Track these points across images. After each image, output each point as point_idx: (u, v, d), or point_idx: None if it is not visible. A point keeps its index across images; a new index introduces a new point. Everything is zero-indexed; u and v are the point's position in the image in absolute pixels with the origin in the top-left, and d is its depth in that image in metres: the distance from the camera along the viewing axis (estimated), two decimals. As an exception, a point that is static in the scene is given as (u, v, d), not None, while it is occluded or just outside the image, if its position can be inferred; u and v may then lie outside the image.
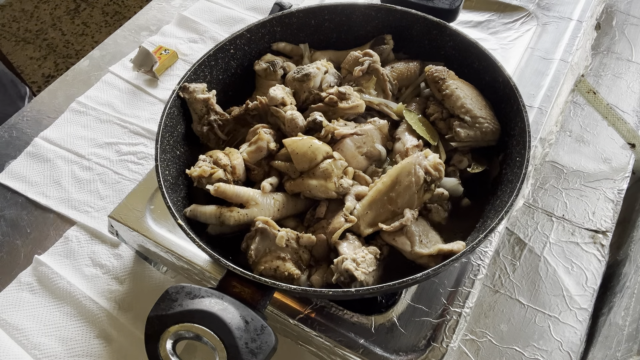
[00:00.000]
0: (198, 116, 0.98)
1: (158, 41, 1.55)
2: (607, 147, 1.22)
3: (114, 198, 1.21)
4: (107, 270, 1.09)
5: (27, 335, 1.00)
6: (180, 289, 0.71)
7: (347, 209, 0.85)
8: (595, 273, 1.02)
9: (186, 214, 0.86)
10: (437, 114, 0.97)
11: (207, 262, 0.94)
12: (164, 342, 0.68)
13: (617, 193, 1.13)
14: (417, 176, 0.83)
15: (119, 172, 1.26)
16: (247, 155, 0.92)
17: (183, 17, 1.60)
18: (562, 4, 1.34)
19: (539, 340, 0.94)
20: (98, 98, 1.42)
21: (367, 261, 0.79)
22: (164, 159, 0.89)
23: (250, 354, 0.67)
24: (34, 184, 1.25)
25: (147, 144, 1.31)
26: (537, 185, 1.16)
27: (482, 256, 0.94)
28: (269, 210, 0.87)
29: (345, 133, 0.91)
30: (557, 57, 1.22)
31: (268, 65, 1.04)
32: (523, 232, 1.09)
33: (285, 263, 0.81)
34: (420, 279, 0.72)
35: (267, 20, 1.07)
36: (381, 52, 1.06)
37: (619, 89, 1.32)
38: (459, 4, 1.07)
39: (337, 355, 0.85)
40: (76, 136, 1.33)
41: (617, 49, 1.41)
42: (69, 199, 1.21)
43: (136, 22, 1.64)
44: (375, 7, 1.07)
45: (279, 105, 0.95)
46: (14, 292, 1.06)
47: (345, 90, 0.96)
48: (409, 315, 0.87)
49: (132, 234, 1.00)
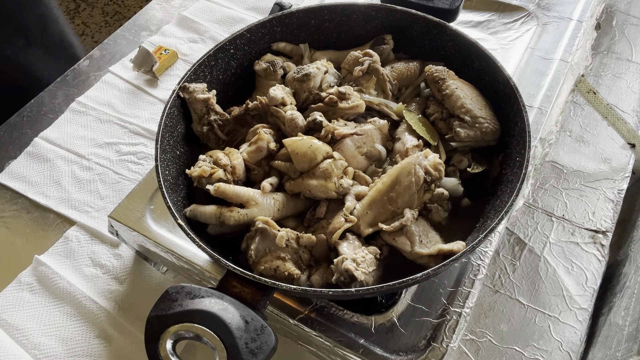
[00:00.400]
0: (198, 116, 0.98)
1: (158, 41, 1.55)
2: (607, 147, 1.22)
3: (114, 198, 1.21)
4: (107, 270, 1.09)
5: (27, 335, 1.00)
6: (180, 289, 0.71)
7: (347, 209, 0.85)
8: (595, 273, 1.02)
9: (186, 214, 0.86)
10: (437, 114, 0.97)
11: (207, 262, 0.94)
12: (164, 342, 0.68)
13: (617, 193, 1.13)
14: (417, 176, 0.83)
15: (119, 172, 1.26)
16: (247, 155, 0.92)
17: (183, 17, 1.60)
18: (562, 4, 1.34)
19: (539, 340, 0.94)
20: (98, 98, 1.42)
21: (367, 261, 0.79)
22: (164, 159, 0.89)
23: (250, 354, 0.67)
24: (34, 184, 1.25)
25: (147, 144, 1.31)
26: (537, 185, 1.16)
27: (482, 256, 0.94)
28: (269, 210, 0.87)
29: (345, 133, 0.91)
30: (557, 57, 1.22)
31: (268, 65, 1.04)
32: (523, 232, 1.09)
33: (285, 263, 0.81)
34: (420, 279, 0.72)
35: (267, 20, 1.07)
36: (381, 52, 1.06)
37: (619, 89, 1.32)
38: (459, 4, 1.07)
39: (337, 355, 0.85)
40: (76, 136, 1.33)
41: (617, 49, 1.41)
42: (69, 199, 1.21)
43: (136, 22, 1.64)
44: (375, 7, 1.07)
45: (279, 105, 0.95)
46: (14, 292, 1.06)
47: (345, 90, 0.96)
48: (409, 315, 0.87)
49: (132, 234, 1.00)
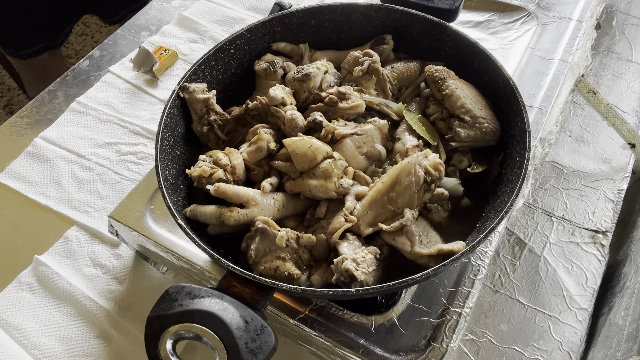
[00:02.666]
0: (198, 116, 0.98)
1: (158, 41, 1.55)
2: (607, 147, 1.22)
3: (114, 198, 1.21)
4: (107, 270, 1.09)
5: (27, 335, 1.00)
6: (180, 289, 0.71)
7: (347, 209, 0.85)
8: (595, 273, 1.02)
9: (186, 214, 0.86)
10: (437, 114, 0.97)
11: (207, 262, 0.94)
12: (164, 342, 0.68)
13: (617, 193, 1.13)
14: (417, 176, 0.83)
15: (119, 172, 1.26)
16: (247, 155, 0.92)
17: (183, 17, 1.60)
18: (562, 4, 1.34)
19: (539, 340, 0.94)
20: (98, 98, 1.42)
21: (367, 261, 0.79)
22: (164, 159, 0.89)
23: (250, 354, 0.67)
24: (34, 184, 1.25)
25: (147, 144, 1.31)
26: (537, 185, 1.16)
27: (482, 256, 0.94)
28: (269, 210, 0.87)
29: (345, 133, 0.91)
30: (557, 57, 1.22)
31: (268, 65, 1.04)
32: (523, 232, 1.09)
33: (285, 263, 0.81)
34: (420, 279, 0.72)
35: (267, 20, 1.07)
36: (381, 52, 1.06)
37: (619, 89, 1.32)
38: (459, 4, 1.07)
39: (337, 355, 0.85)
40: (76, 136, 1.33)
41: (617, 49, 1.41)
42: (69, 199, 1.21)
43: (136, 22, 1.64)
44: (375, 7, 1.07)
45: (279, 105, 0.95)
46: (14, 292, 1.06)
47: (345, 90, 0.96)
48: (409, 315, 0.87)
49: (132, 234, 1.00)
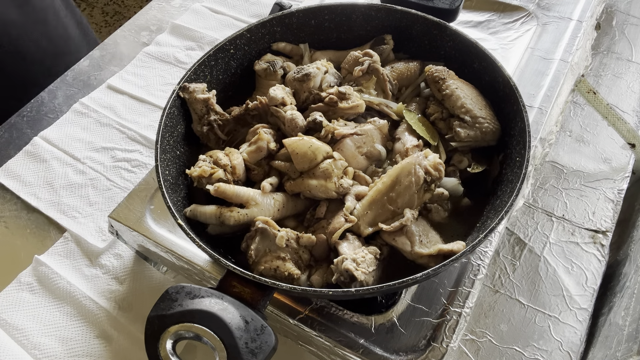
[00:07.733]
0: (198, 116, 0.98)
1: (154, 51, 1.52)
2: (607, 147, 1.22)
3: (102, 205, 1.20)
4: (107, 270, 1.09)
5: (27, 335, 1.00)
6: (180, 289, 0.71)
7: (347, 209, 0.85)
8: (595, 273, 1.02)
9: (186, 214, 0.86)
10: (437, 114, 0.97)
11: (207, 262, 0.94)
12: (164, 342, 0.68)
13: (617, 193, 1.13)
14: (417, 176, 0.83)
15: (111, 178, 1.25)
16: (247, 155, 0.92)
17: (176, 26, 1.57)
18: (562, 4, 1.34)
19: (539, 340, 0.94)
20: (101, 100, 1.41)
21: (367, 261, 0.79)
22: (164, 159, 0.89)
23: (250, 354, 0.67)
24: (27, 184, 1.24)
25: (142, 152, 1.29)
26: (537, 185, 1.16)
27: (482, 256, 0.94)
28: (269, 210, 0.87)
29: (345, 133, 0.91)
30: (557, 57, 1.22)
31: (268, 65, 1.04)
32: (523, 232, 1.09)
33: (285, 263, 0.81)
34: (420, 279, 0.72)
35: (267, 20, 1.07)
36: (381, 52, 1.06)
37: (619, 89, 1.32)
38: (459, 4, 1.07)
39: (337, 355, 0.85)
40: (74, 138, 1.33)
41: (617, 49, 1.41)
42: (59, 203, 1.20)
43: (136, 22, 1.64)
44: (375, 7, 1.07)
45: (279, 105, 0.95)
46: (14, 292, 1.06)
47: (345, 90, 0.96)
48: (409, 315, 0.87)
49: (132, 234, 1.00)
